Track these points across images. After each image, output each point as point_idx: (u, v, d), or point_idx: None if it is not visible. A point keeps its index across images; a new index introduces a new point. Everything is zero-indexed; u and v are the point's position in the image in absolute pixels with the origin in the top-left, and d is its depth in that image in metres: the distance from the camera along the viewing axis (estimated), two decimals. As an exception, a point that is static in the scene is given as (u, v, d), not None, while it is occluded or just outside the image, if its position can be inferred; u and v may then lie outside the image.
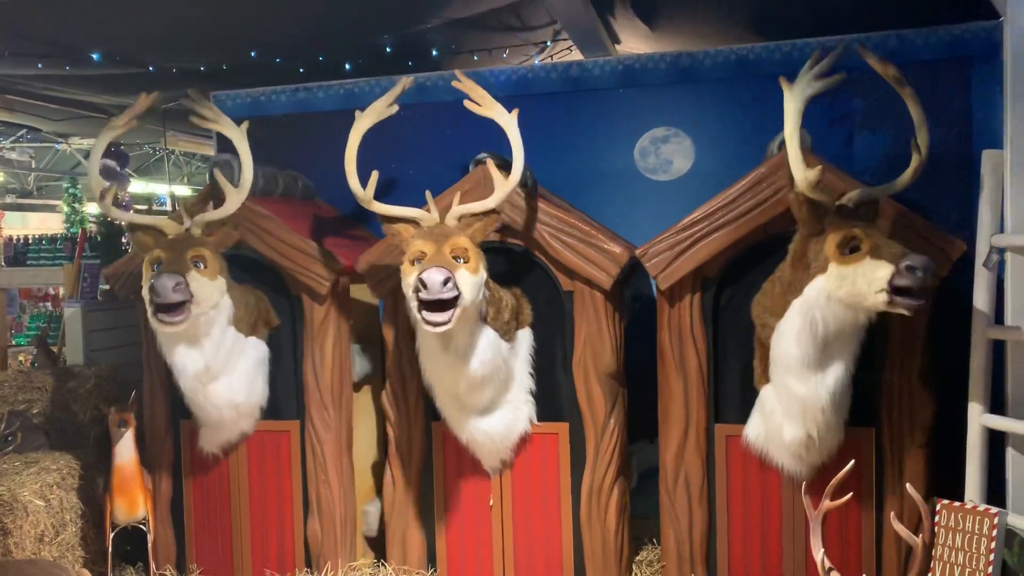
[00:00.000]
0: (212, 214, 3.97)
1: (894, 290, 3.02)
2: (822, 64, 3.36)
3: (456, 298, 3.33)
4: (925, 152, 3.31)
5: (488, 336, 3.70)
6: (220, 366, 3.99)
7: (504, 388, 3.92)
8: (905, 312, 3.06)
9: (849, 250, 3.17)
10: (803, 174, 3.27)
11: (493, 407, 3.89)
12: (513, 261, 4.10)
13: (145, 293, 3.65)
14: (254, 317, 4.21)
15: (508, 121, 3.77)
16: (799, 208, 3.32)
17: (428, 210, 3.69)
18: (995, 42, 4.14)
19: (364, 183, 3.72)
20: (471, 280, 3.45)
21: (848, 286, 3.16)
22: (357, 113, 3.78)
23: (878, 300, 3.08)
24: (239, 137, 4.09)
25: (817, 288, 3.27)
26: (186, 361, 3.90)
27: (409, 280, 3.43)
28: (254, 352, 4.20)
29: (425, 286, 3.24)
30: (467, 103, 3.79)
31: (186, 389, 4.01)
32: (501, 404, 3.92)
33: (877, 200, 3.37)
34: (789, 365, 3.42)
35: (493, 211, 3.70)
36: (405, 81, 3.89)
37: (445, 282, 3.24)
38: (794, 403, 3.46)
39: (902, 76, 3.33)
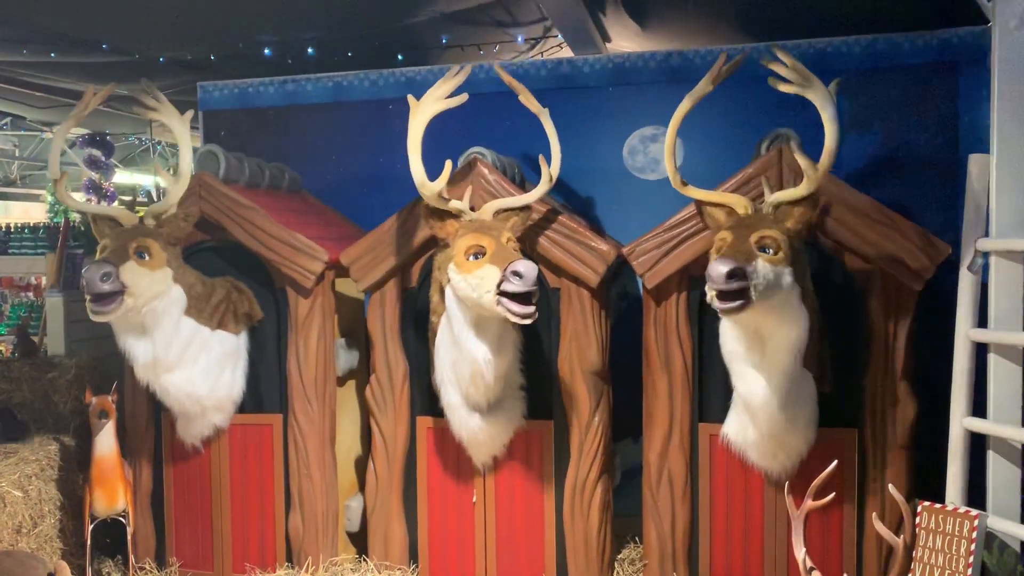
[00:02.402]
0: (159, 205, 3.96)
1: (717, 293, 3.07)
2: (711, 73, 3.47)
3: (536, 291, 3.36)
4: (826, 160, 3.25)
5: (509, 328, 3.70)
6: (175, 358, 3.95)
7: (508, 383, 3.91)
8: (721, 315, 3.15)
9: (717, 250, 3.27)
10: (672, 177, 3.48)
11: (498, 403, 3.88)
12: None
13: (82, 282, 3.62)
14: (223, 311, 4.17)
15: (545, 116, 3.83)
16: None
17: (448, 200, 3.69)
18: (982, 47, 4.17)
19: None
20: None
21: None
22: (411, 99, 3.68)
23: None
24: (181, 127, 4.03)
25: None
26: (136, 351, 3.89)
27: (478, 272, 3.41)
28: (220, 346, 4.15)
29: (521, 277, 3.26)
30: (521, 98, 3.82)
31: (139, 379, 4.01)
32: (504, 400, 3.91)
33: (803, 198, 3.31)
34: (729, 362, 3.48)
35: (528, 206, 3.75)
36: (466, 68, 3.77)
37: (538, 276, 3.30)
38: (741, 401, 3.50)
39: (811, 78, 3.27)
